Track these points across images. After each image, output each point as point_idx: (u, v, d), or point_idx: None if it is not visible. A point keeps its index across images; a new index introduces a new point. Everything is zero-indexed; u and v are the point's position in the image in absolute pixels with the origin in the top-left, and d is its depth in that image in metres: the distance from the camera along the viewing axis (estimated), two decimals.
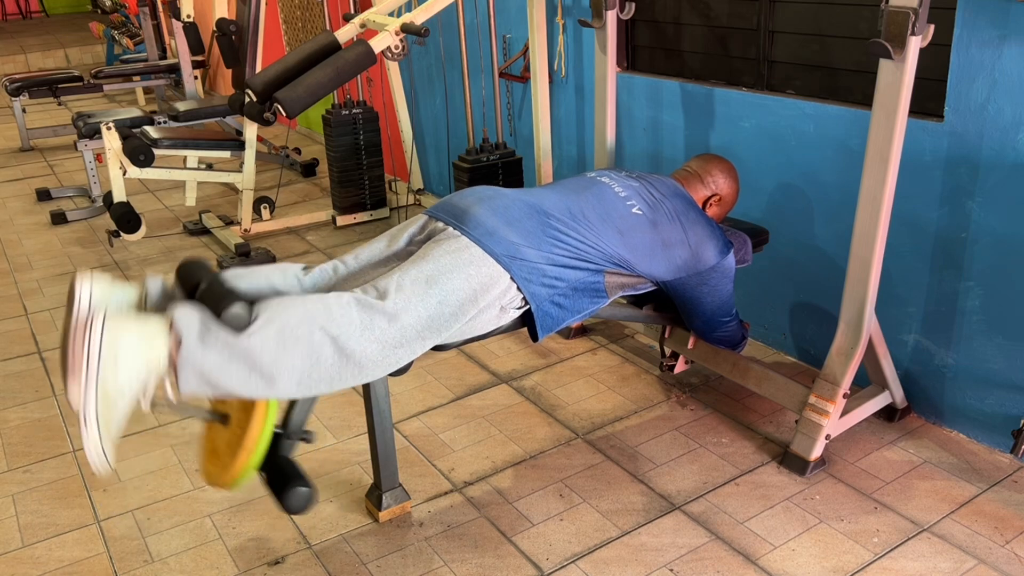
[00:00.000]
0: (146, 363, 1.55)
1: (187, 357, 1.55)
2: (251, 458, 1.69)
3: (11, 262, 4.18)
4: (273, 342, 1.61)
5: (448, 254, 1.84)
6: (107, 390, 1.52)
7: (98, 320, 1.52)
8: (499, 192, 2.06)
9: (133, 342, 1.54)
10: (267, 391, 1.63)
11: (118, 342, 1.52)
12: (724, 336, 2.49)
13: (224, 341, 1.58)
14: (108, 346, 1.51)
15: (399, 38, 3.14)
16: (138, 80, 6.89)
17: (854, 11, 2.46)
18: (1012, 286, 2.20)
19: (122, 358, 1.52)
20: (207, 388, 1.59)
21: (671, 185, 2.27)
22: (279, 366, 1.62)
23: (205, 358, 1.56)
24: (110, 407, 1.53)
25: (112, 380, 1.52)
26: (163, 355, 1.56)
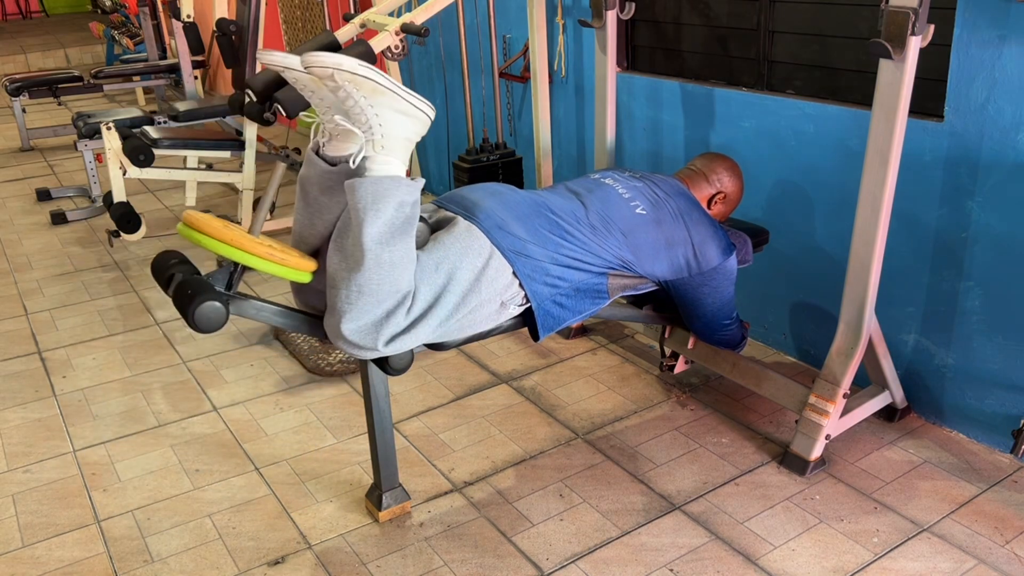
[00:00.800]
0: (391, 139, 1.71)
1: (406, 183, 1.71)
2: (250, 252, 1.71)
3: (11, 262, 4.18)
4: (403, 258, 1.73)
5: (459, 242, 1.86)
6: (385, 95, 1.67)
7: (433, 112, 1.75)
8: (509, 189, 2.08)
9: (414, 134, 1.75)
10: (366, 252, 1.69)
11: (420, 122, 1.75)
12: (724, 337, 2.49)
13: (411, 213, 1.73)
14: (419, 113, 1.73)
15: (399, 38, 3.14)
16: (138, 80, 6.89)
17: (854, 11, 2.46)
18: (1012, 286, 2.20)
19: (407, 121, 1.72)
20: (368, 199, 1.66)
21: (674, 184, 2.28)
22: (386, 265, 1.70)
23: (401, 196, 1.69)
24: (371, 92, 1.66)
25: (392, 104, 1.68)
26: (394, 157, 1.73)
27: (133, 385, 2.94)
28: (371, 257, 1.68)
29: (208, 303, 1.68)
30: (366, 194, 1.66)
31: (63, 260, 4.17)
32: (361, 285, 1.69)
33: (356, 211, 1.67)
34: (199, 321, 1.68)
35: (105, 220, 4.66)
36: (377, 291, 1.70)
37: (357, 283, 1.69)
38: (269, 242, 1.79)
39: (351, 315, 1.71)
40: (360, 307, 1.71)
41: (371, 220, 1.67)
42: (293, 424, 2.65)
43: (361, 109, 1.66)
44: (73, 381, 2.99)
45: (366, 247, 1.67)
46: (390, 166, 1.70)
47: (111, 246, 4.30)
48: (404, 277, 1.73)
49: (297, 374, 2.95)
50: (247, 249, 1.71)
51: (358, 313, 1.71)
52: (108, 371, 3.05)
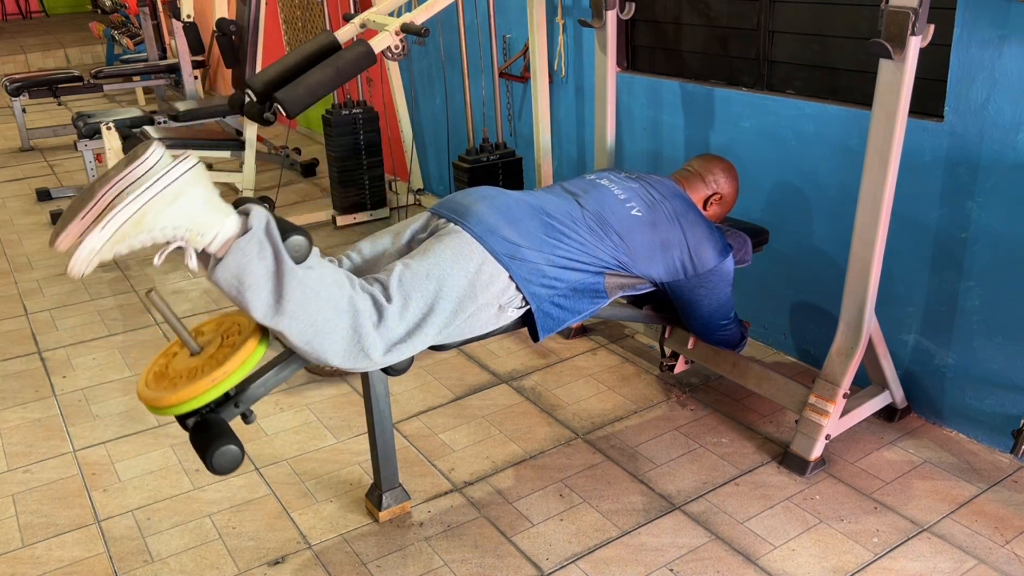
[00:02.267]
0: (194, 222, 1.49)
1: (244, 246, 1.53)
2: (209, 389, 1.63)
3: (11, 262, 4.18)
4: (310, 284, 1.63)
5: (448, 249, 1.85)
6: (145, 217, 1.44)
7: (189, 161, 1.49)
8: (502, 192, 2.07)
9: (201, 197, 1.50)
10: (276, 319, 1.61)
11: (190, 186, 1.48)
12: (723, 338, 2.49)
13: (275, 255, 1.58)
14: (180, 182, 1.47)
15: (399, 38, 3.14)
16: (138, 80, 6.89)
17: (854, 11, 2.46)
18: (1012, 286, 2.20)
19: (183, 200, 1.47)
20: (236, 282, 1.56)
21: (670, 186, 2.27)
22: (302, 307, 1.62)
23: (256, 256, 1.55)
24: (136, 228, 1.45)
25: (160, 209, 1.45)
26: (211, 231, 1.52)
27: (133, 385, 2.94)
28: (285, 320, 1.62)
29: (226, 447, 1.67)
30: (229, 285, 1.57)
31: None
32: (302, 338, 1.65)
33: (238, 301, 1.60)
34: (219, 468, 1.67)
35: None
36: (320, 327, 1.65)
37: (298, 340, 1.65)
38: (208, 349, 1.71)
39: (325, 355, 1.69)
40: (322, 347, 1.67)
41: (255, 301, 1.59)
42: (293, 424, 2.65)
43: (152, 238, 1.48)
44: (73, 381, 2.99)
45: (273, 320, 1.62)
46: (222, 235, 1.54)
47: None
48: (327, 296, 1.66)
49: (297, 374, 2.95)
50: (200, 392, 1.64)
51: (327, 351, 1.68)
52: (108, 371, 3.05)
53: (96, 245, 1.42)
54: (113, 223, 1.42)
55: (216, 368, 1.63)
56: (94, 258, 1.43)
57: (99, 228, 1.42)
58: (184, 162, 1.48)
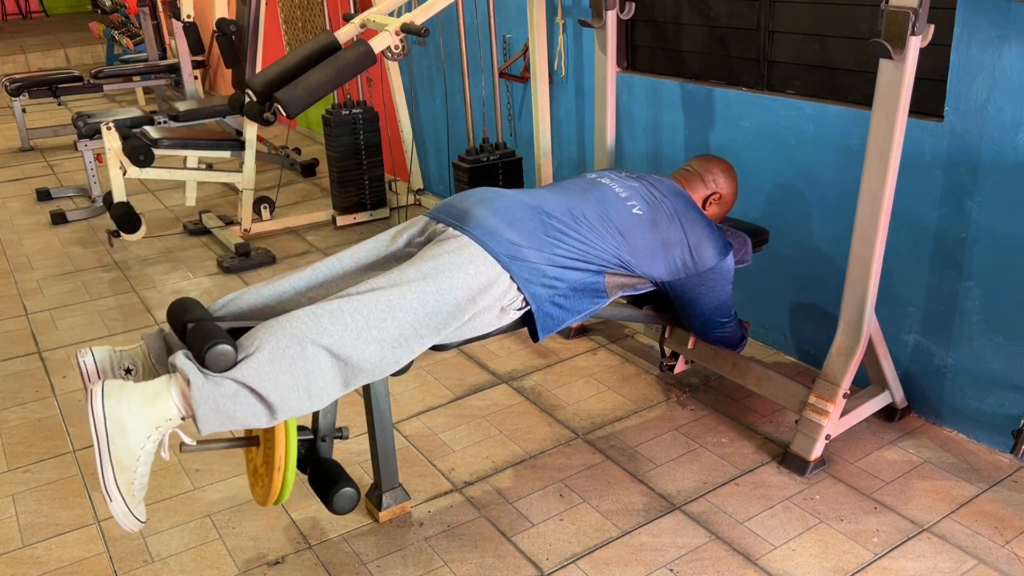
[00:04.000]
0: (152, 422, 1.58)
1: (199, 396, 1.56)
2: (285, 474, 1.73)
3: (11, 262, 4.18)
4: (268, 368, 1.61)
5: (448, 253, 1.84)
6: (120, 459, 1.57)
7: (97, 396, 1.57)
8: (500, 193, 2.06)
9: (135, 406, 1.57)
10: (279, 415, 1.64)
11: (120, 411, 1.57)
12: (723, 337, 2.49)
13: (224, 376, 1.59)
14: (112, 418, 1.56)
15: (399, 38, 3.14)
16: (138, 80, 6.89)
17: (854, 11, 2.46)
18: (1012, 286, 2.20)
19: (128, 424, 1.57)
20: (226, 422, 1.60)
21: (671, 185, 2.28)
22: (281, 389, 1.62)
23: (216, 391, 1.57)
24: (128, 473, 1.58)
25: (123, 449, 1.57)
26: (170, 409, 1.59)
27: None
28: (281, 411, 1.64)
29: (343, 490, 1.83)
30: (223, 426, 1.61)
31: (63, 260, 4.17)
32: (309, 402, 1.67)
33: (239, 428, 1.67)
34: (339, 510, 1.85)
35: (105, 220, 4.66)
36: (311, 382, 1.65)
37: (306, 407, 1.67)
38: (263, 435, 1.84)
39: (332, 396, 1.70)
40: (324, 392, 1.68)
41: (252, 420, 1.62)
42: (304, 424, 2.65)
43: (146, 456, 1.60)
44: (73, 381, 2.99)
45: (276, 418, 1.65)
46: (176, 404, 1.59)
47: (111, 246, 4.30)
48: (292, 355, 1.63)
49: None
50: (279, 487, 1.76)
51: (329, 390, 1.69)
52: None
53: (120, 508, 1.59)
54: (112, 488, 1.57)
55: (272, 462, 1.75)
56: (130, 511, 1.60)
57: (108, 501, 1.58)
58: (95, 396, 1.57)
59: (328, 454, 1.91)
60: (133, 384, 1.61)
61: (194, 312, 1.72)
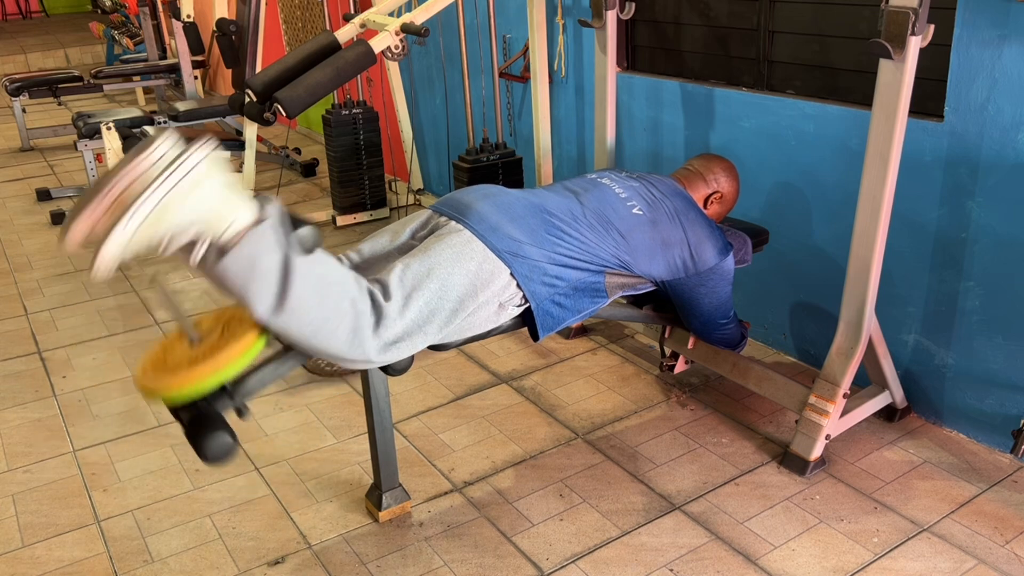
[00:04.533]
0: (213, 214, 1.47)
1: (259, 235, 1.51)
2: (208, 377, 1.61)
3: (11, 262, 4.18)
4: (313, 281, 1.61)
5: (449, 247, 1.85)
6: (167, 207, 1.40)
7: (207, 148, 1.44)
8: (503, 190, 2.07)
9: (218, 186, 1.47)
10: (278, 314, 1.59)
11: (206, 175, 1.44)
12: (722, 337, 2.49)
13: (286, 248, 1.56)
14: (196, 173, 1.42)
15: (399, 38, 3.14)
16: (138, 80, 6.89)
17: (854, 11, 2.46)
18: (1012, 286, 2.20)
19: (200, 191, 1.44)
20: (241, 276, 1.53)
21: (671, 185, 2.28)
22: (305, 305, 1.61)
23: (268, 247, 1.53)
24: (156, 226, 1.41)
25: (179, 202, 1.41)
26: (227, 220, 1.49)
27: (133, 385, 2.94)
28: (286, 316, 1.60)
29: (219, 437, 1.64)
30: (237, 276, 1.54)
31: (63, 260, 4.17)
32: (302, 335, 1.64)
33: (242, 293, 1.56)
34: (211, 457, 1.64)
35: None
36: (319, 326, 1.64)
37: (297, 336, 1.64)
38: (208, 339, 1.68)
39: (325, 350, 1.68)
40: (320, 345, 1.67)
41: (261, 294, 1.56)
42: (293, 424, 2.65)
43: (172, 232, 1.45)
44: (73, 381, 2.99)
45: (275, 315, 1.60)
46: (236, 224, 1.51)
47: None
48: (330, 293, 1.64)
49: (297, 374, 2.95)
50: (199, 379, 1.62)
51: (327, 348, 1.68)
52: (108, 371, 3.05)
53: (117, 249, 1.39)
54: (133, 222, 1.38)
55: (215, 358, 1.61)
56: (115, 261, 1.41)
57: (120, 227, 1.37)
58: (200, 149, 1.44)
59: (218, 409, 1.74)
60: (228, 172, 1.51)
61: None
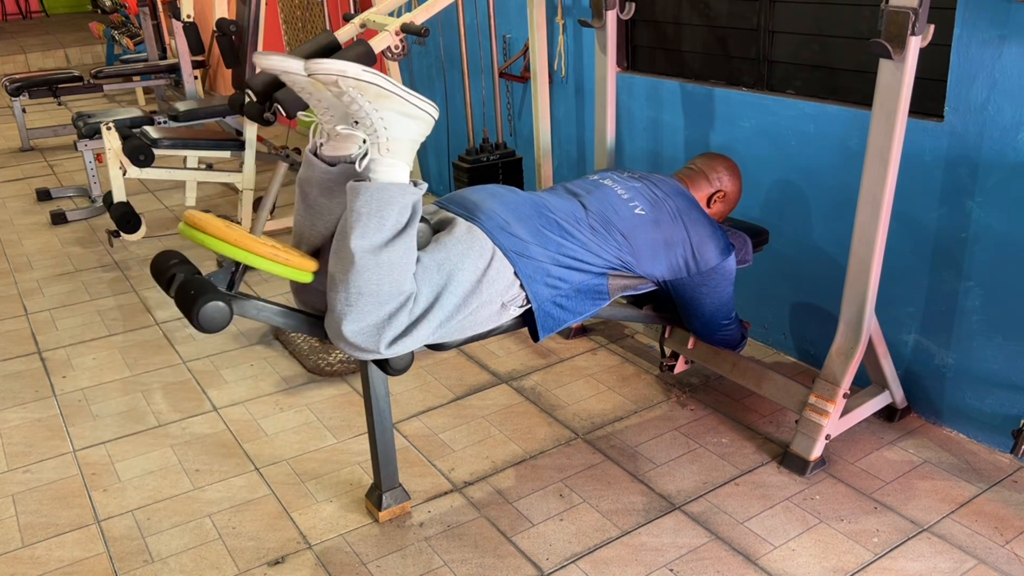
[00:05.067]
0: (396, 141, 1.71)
1: (407, 190, 1.71)
2: (253, 249, 1.71)
3: (11, 262, 4.18)
4: (402, 261, 1.72)
5: (460, 243, 1.86)
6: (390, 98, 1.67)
7: (436, 111, 1.76)
8: (509, 190, 2.08)
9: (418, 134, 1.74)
10: (366, 254, 1.68)
11: (424, 123, 1.74)
12: (723, 337, 2.49)
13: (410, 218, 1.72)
14: (424, 115, 1.73)
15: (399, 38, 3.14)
16: (138, 80, 6.88)
17: (854, 11, 2.46)
18: (1012, 286, 2.20)
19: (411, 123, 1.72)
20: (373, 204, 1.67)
21: (673, 184, 2.28)
22: (384, 267, 1.69)
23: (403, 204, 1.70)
24: (375, 96, 1.65)
25: (397, 107, 1.68)
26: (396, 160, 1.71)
27: (133, 385, 2.94)
28: (371, 260, 1.67)
29: (212, 303, 1.68)
30: (371, 200, 1.66)
31: (63, 260, 4.17)
32: (360, 287, 1.68)
33: (359, 216, 1.67)
34: (203, 321, 1.67)
35: (105, 220, 4.66)
36: (377, 292, 1.69)
37: (356, 285, 1.68)
38: (271, 242, 1.78)
39: (352, 317, 1.70)
40: (361, 308, 1.70)
41: (374, 227, 1.67)
42: (293, 424, 2.65)
43: (366, 113, 1.66)
44: (73, 381, 2.99)
45: (366, 251, 1.67)
46: (395, 169, 1.70)
47: (111, 246, 4.30)
48: (405, 278, 1.73)
49: (297, 374, 2.95)
50: (250, 248, 1.71)
51: (359, 315, 1.70)
52: (108, 371, 3.05)
53: (348, 70, 1.60)
54: (371, 76, 1.62)
55: (277, 250, 1.73)
56: (335, 73, 1.60)
57: (361, 68, 1.61)
58: (433, 108, 1.74)
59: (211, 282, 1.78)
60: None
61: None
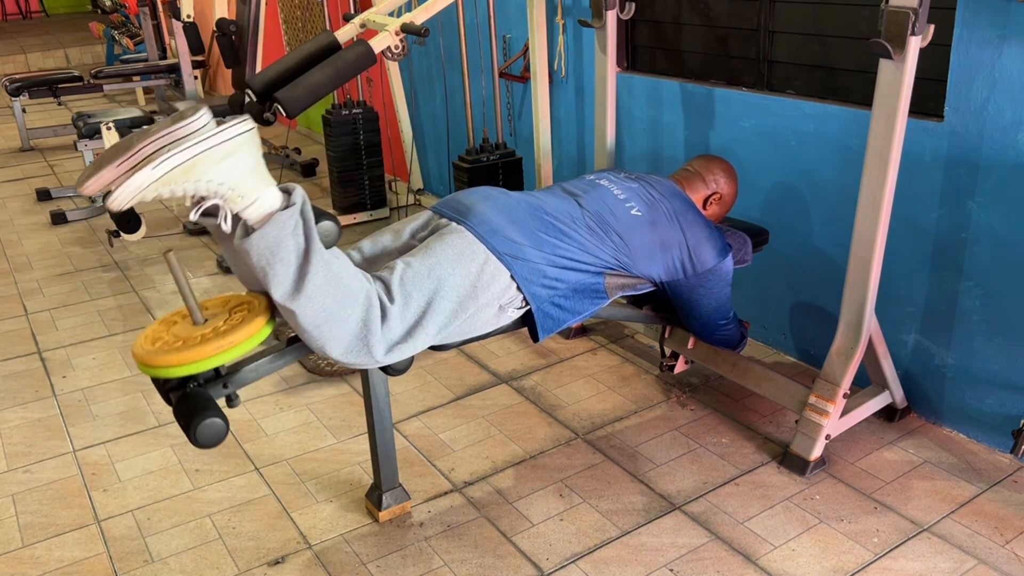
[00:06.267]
0: (240, 184, 1.54)
1: (285, 219, 1.56)
2: (211, 356, 1.62)
3: (11, 262, 4.18)
4: (333, 270, 1.64)
5: (450, 248, 1.85)
6: (197, 163, 1.48)
7: (247, 124, 1.54)
8: (503, 192, 2.07)
9: (250, 161, 1.55)
10: (295, 298, 1.62)
11: (240, 148, 1.53)
12: (722, 337, 2.49)
13: (308, 234, 1.60)
14: (233, 143, 1.52)
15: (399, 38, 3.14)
16: (138, 80, 6.89)
17: (854, 11, 2.46)
18: (1012, 286, 2.20)
19: (232, 160, 1.52)
20: (265, 256, 1.58)
21: (670, 186, 2.28)
22: (321, 291, 1.63)
23: (292, 231, 1.57)
24: (184, 176, 1.48)
25: (210, 163, 1.50)
26: (250, 196, 1.55)
27: (133, 385, 2.94)
28: (301, 298, 1.62)
29: (211, 420, 1.64)
30: (260, 252, 1.58)
31: (63, 260, 4.17)
32: (312, 321, 1.65)
33: (262, 271, 1.60)
34: (203, 441, 1.65)
35: (105, 220, 4.66)
36: (330, 314, 1.65)
37: (308, 323, 1.65)
38: (213, 322, 1.70)
39: (329, 344, 1.69)
40: (329, 334, 1.67)
41: (282, 272, 1.60)
42: (293, 424, 2.65)
43: (196, 189, 1.51)
44: (73, 381, 2.99)
45: (291, 295, 1.62)
46: (259, 203, 1.57)
47: (111, 246, 4.30)
48: (346, 284, 1.67)
49: (297, 374, 2.95)
50: (199, 358, 1.63)
51: (332, 339, 1.68)
52: (108, 371, 3.05)
53: (144, 182, 1.45)
54: (165, 165, 1.46)
55: (221, 338, 1.63)
56: (137, 195, 1.46)
57: (150, 168, 1.45)
58: (240, 124, 1.53)
59: (210, 394, 1.75)
60: (261, 155, 1.60)
61: None
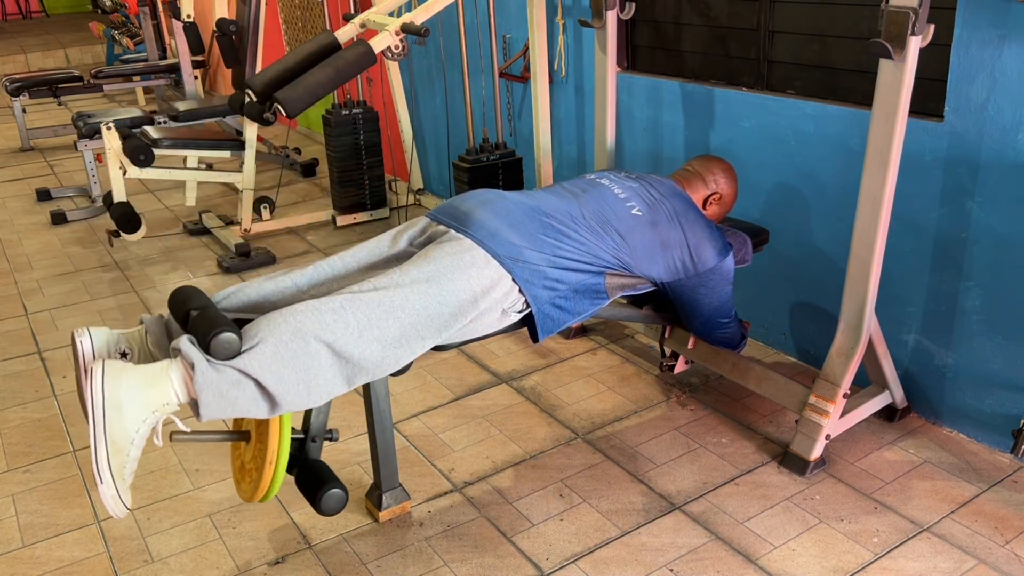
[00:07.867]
0: (149, 406, 1.57)
1: (203, 381, 1.55)
2: (275, 469, 1.72)
3: (11, 262, 4.18)
4: (270, 360, 1.61)
5: (450, 255, 1.84)
6: (115, 440, 1.56)
7: (97, 375, 1.56)
8: (500, 195, 2.07)
9: (134, 388, 1.56)
10: (280, 407, 1.64)
11: (119, 392, 1.56)
12: (723, 337, 2.49)
13: (227, 364, 1.59)
14: (110, 398, 1.55)
15: (399, 38, 3.14)
16: (138, 80, 6.89)
17: (854, 11, 2.46)
18: (1012, 286, 2.20)
19: (125, 406, 1.56)
20: (228, 409, 1.59)
21: (670, 186, 2.28)
22: (283, 382, 1.62)
23: (220, 378, 1.57)
24: (121, 456, 1.57)
25: (119, 430, 1.56)
26: (169, 393, 1.58)
27: None
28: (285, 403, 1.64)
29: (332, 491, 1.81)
30: (224, 412, 1.60)
31: (63, 260, 4.17)
32: (309, 396, 1.66)
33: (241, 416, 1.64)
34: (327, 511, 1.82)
35: (105, 220, 4.66)
36: (312, 375, 1.65)
37: (306, 402, 1.66)
38: (255, 432, 1.80)
39: (331, 393, 1.70)
40: (321, 388, 1.68)
41: (251, 409, 1.62)
42: (293, 424, 2.65)
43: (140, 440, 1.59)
44: (73, 381, 2.99)
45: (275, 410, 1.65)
46: (176, 388, 1.58)
47: (111, 246, 4.30)
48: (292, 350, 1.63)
49: None
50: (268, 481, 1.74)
51: (328, 387, 1.69)
52: None
53: (109, 491, 1.57)
54: (102, 470, 1.56)
55: (263, 457, 1.72)
56: (119, 495, 1.58)
57: (99, 482, 1.56)
58: (92, 378, 1.56)
59: (317, 455, 1.90)
60: (133, 366, 1.60)
61: (197, 300, 1.71)
